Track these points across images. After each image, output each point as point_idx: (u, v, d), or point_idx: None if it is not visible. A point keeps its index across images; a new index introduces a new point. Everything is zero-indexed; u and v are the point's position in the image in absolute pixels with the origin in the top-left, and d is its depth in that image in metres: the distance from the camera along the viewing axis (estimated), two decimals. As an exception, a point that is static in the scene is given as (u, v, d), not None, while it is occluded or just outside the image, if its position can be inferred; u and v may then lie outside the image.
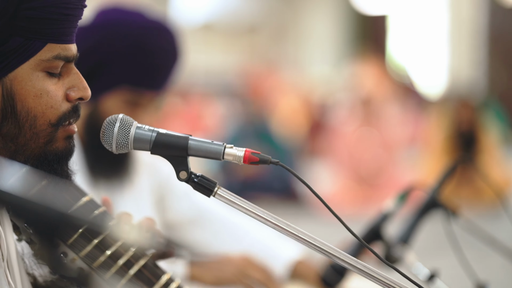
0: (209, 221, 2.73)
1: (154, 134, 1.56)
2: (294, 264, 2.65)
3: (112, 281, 1.64)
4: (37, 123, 1.54)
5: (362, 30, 15.83)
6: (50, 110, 1.54)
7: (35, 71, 1.53)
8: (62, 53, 1.55)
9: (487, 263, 4.67)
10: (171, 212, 2.75)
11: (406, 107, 11.21)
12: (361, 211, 7.87)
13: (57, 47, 1.54)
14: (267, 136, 9.31)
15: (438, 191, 2.39)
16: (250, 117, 9.37)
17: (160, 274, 1.71)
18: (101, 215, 1.69)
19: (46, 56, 1.53)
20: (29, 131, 1.53)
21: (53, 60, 1.54)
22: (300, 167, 9.23)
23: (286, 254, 2.67)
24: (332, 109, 10.18)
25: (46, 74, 1.54)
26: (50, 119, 1.55)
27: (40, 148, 1.55)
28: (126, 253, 1.66)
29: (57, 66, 1.55)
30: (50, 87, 1.54)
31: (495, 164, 8.82)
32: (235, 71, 12.27)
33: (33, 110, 1.53)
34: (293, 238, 1.52)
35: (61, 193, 1.65)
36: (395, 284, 1.49)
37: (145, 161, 2.73)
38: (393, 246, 2.33)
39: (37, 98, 1.53)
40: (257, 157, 1.54)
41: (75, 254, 1.63)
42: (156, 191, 2.73)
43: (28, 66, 1.52)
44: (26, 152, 1.54)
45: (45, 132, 1.55)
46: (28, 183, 1.54)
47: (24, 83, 1.52)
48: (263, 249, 2.68)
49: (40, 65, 1.53)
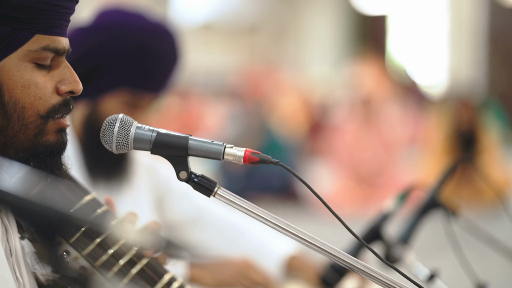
0: (208, 221, 2.74)
1: (154, 134, 1.56)
2: (289, 259, 2.66)
3: (115, 280, 1.64)
4: (26, 114, 1.52)
5: (362, 30, 15.83)
6: (39, 101, 1.53)
7: (23, 61, 1.52)
8: (51, 44, 1.54)
9: (487, 263, 4.67)
10: (171, 213, 2.75)
11: (406, 107, 11.20)
12: (361, 211, 7.87)
13: (45, 38, 1.53)
14: (267, 136, 9.31)
15: (438, 191, 2.39)
16: (250, 117, 9.37)
17: (163, 273, 1.71)
18: (103, 214, 1.69)
19: (34, 47, 1.52)
20: (17, 122, 1.52)
21: (41, 51, 1.53)
22: (300, 167, 9.23)
23: (281, 249, 2.68)
24: (332, 109, 10.18)
25: (34, 66, 1.53)
26: (38, 110, 1.53)
27: (30, 140, 1.54)
28: (129, 252, 1.67)
29: (45, 57, 1.54)
30: (38, 79, 1.53)
31: (495, 164, 8.82)
32: (235, 71, 12.26)
33: (20, 101, 1.52)
34: (293, 238, 1.52)
35: (64, 191, 1.65)
36: (395, 284, 1.49)
37: (143, 163, 2.73)
38: (393, 246, 2.33)
39: (25, 88, 1.52)
40: (257, 157, 1.54)
41: (78, 253, 1.63)
42: (155, 192, 2.74)
43: (16, 57, 1.51)
44: (15, 144, 1.53)
45: (34, 123, 1.54)
46: (30, 183, 1.54)
47: (12, 73, 1.51)
48: (259, 245, 2.69)
49: (28, 55, 1.52)
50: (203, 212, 2.74)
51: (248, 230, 2.72)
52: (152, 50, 2.60)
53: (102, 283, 1.65)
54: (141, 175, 2.72)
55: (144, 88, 2.60)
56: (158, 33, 2.62)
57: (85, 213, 1.65)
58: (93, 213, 1.68)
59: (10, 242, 1.56)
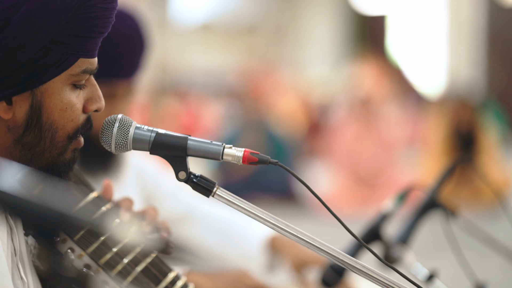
0: (196, 216, 2.79)
1: (153, 135, 1.56)
2: (271, 240, 2.70)
3: (119, 278, 1.64)
4: (57, 135, 1.56)
5: (361, 30, 15.83)
6: (71, 123, 1.57)
7: (64, 85, 1.56)
8: (90, 67, 1.58)
9: (486, 263, 4.68)
10: (159, 211, 2.76)
11: (405, 107, 11.21)
12: (360, 211, 7.86)
13: (86, 62, 1.57)
14: (266, 136, 9.31)
15: (437, 191, 2.39)
16: (249, 118, 9.37)
17: (167, 271, 1.71)
18: (108, 212, 1.69)
19: (76, 71, 1.56)
20: (48, 142, 1.56)
21: (82, 74, 1.57)
22: (299, 167, 9.23)
23: (262, 231, 2.72)
24: (331, 109, 10.18)
25: (72, 87, 1.57)
26: (69, 132, 1.57)
27: (52, 158, 1.58)
28: (133, 250, 1.66)
29: (83, 79, 1.58)
30: (73, 100, 1.57)
31: (494, 165, 8.82)
32: (234, 71, 12.26)
33: (56, 123, 1.56)
34: (293, 238, 1.52)
35: (69, 189, 1.65)
36: (394, 284, 1.49)
37: (131, 162, 2.74)
38: (392, 246, 2.33)
39: (63, 111, 1.56)
40: (256, 157, 1.54)
41: (82, 250, 1.63)
42: (143, 192, 2.75)
43: (59, 80, 1.55)
44: (39, 161, 1.57)
45: (61, 143, 1.57)
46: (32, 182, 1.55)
47: (54, 96, 1.55)
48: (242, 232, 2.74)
49: (70, 79, 1.56)
50: (191, 208, 2.78)
51: (231, 219, 2.78)
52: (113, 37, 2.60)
53: (102, 283, 1.64)
54: (130, 174, 2.73)
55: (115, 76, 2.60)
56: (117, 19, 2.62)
57: (90, 211, 1.65)
58: (98, 211, 1.68)
59: (15, 241, 1.57)
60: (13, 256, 1.56)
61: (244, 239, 2.73)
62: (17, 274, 1.56)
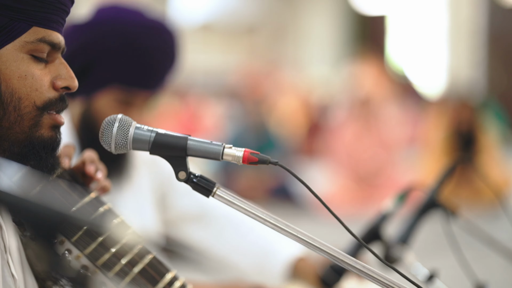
0: (212, 218, 2.72)
1: (153, 135, 1.56)
2: (296, 261, 2.64)
3: (116, 279, 1.63)
4: (22, 105, 1.54)
5: (361, 30, 15.83)
6: (35, 92, 1.55)
7: (20, 52, 1.54)
8: (47, 37, 1.56)
9: (486, 263, 4.67)
10: (174, 209, 2.74)
11: (405, 107, 11.20)
12: (360, 211, 7.86)
13: (42, 31, 1.55)
14: (266, 136, 9.31)
15: (437, 191, 2.39)
16: (249, 118, 9.37)
17: (165, 272, 1.71)
18: (105, 213, 1.68)
19: (30, 38, 1.54)
20: (13, 113, 1.54)
21: (38, 43, 1.55)
22: (299, 167, 9.22)
23: (288, 250, 2.65)
24: (331, 109, 10.18)
25: (31, 58, 1.55)
26: (35, 101, 1.55)
27: (24, 133, 1.55)
28: (131, 251, 1.66)
29: (42, 49, 1.56)
30: (35, 71, 1.55)
31: (494, 165, 8.82)
32: (234, 71, 12.25)
33: (17, 91, 1.53)
34: (293, 238, 1.52)
35: (66, 190, 1.65)
36: (394, 285, 1.49)
37: (145, 160, 2.73)
38: (392, 246, 2.33)
39: (22, 79, 1.54)
40: (256, 157, 1.54)
41: (80, 252, 1.63)
42: (158, 190, 2.73)
43: (13, 47, 1.53)
44: (10, 136, 1.54)
45: (30, 114, 1.55)
46: (30, 182, 1.54)
47: (9, 63, 1.53)
48: (264, 245, 2.67)
49: (24, 47, 1.54)
50: (207, 209, 2.72)
51: (253, 229, 2.69)
52: (145, 47, 2.60)
53: (101, 283, 1.64)
54: (143, 171, 2.72)
55: (136, 85, 2.60)
56: (153, 30, 2.62)
57: (87, 212, 1.65)
58: (95, 212, 1.67)
59: (4, 239, 1.56)
60: (2, 253, 1.55)
61: (268, 253, 2.64)
62: (7, 271, 1.55)
